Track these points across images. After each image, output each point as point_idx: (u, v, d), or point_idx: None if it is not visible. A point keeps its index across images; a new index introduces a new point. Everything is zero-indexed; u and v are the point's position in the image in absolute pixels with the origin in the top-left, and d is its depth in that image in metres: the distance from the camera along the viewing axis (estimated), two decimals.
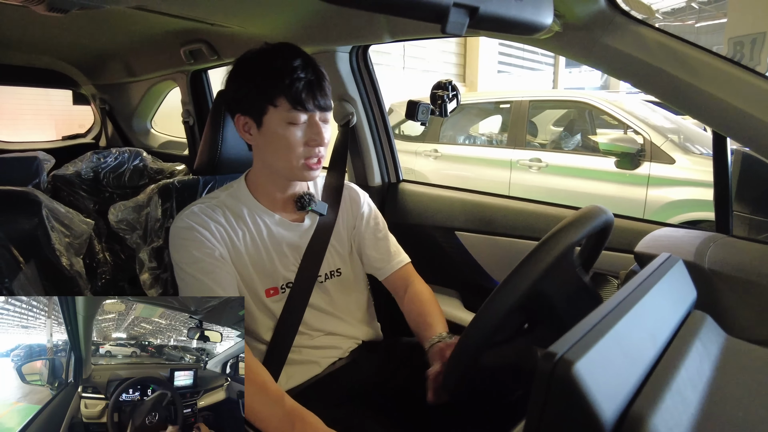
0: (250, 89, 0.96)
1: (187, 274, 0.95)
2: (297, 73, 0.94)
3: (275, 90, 0.94)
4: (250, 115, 0.98)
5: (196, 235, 0.96)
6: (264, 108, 0.95)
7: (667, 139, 3.42)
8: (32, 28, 1.88)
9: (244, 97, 0.97)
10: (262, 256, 1.03)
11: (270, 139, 0.97)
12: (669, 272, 0.65)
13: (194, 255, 0.95)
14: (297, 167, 0.99)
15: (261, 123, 0.97)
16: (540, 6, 0.73)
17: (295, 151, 0.97)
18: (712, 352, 0.59)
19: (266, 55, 0.97)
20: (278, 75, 0.93)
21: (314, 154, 0.99)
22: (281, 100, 0.94)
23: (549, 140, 4.56)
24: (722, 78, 0.84)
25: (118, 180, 2.14)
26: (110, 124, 2.94)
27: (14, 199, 1.22)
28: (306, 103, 0.95)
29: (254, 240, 1.03)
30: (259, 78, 0.95)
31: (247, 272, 1.01)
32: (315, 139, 0.97)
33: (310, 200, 1.08)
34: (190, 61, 1.98)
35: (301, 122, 0.96)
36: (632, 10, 0.93)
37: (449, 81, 1.34)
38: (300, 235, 1.08)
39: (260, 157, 1.04)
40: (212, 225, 0.99)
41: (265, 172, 1.05)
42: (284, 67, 0.94)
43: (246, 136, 1.01)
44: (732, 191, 1.05)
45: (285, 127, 0.95)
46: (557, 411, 0.42)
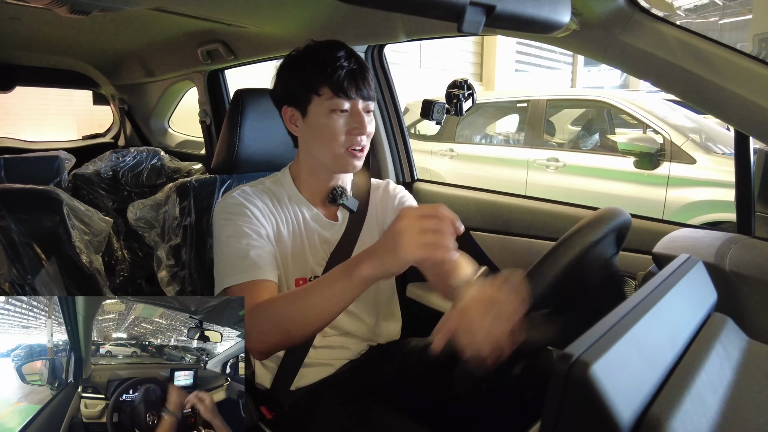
0: (295, 81, 0.99)
1: (233, 247, 0.94)
2: (340, 62, 0.96)
3: (318, 79, 0.96)
4: (296, 105, 1.00)
5: (246, 210, 0.98)
6: (308, 97, 0.98)
7: (688, 138, 3.36)
8: (54, 31, 1.92)
9: (290, 89, 1.00)
10: (297, 245, 1.04)
11: (314, 128, 0.99)
12: (688, 273, 0.64)
13: (243, 230, 0.96)
14: (340, 155, 1.00)
15: (306, 113, 0.99)
16: (557, 4, 0.72)
17: (337, 139, 0.98)
18: (733, 355, 0.58)
19: (311, 48, 1.01)
20: (321, 64, 0.96)
21: (356, 142, 0.99)
22: (324, 88, 0.96)
23: (567, 140, 4.51)
24: (745, 75, 0.83)
25: (137, 179, 2.17)
26: (129, 123, 2.99)
27: (36, 197, 1.25)
28: (348, 91, 0.97)
29: (293, 228, 1.05)
30: (304, 69, 0.98)
31: (284, 257, 1.03)
32: (357, 128, 0.98)
33: (342, 193, 1.09)
34: (207, 61, 2.00)
35: (344, 110, 0.98)
36: (652, 8, 0.92)
37: (465, 80, 1.33)
38: (332, 232, 1.09)
39: (305, 148, 1.05)
40: (260, 204, 1.01)
41: (308, 164, 1.07)
42: (327, 57, 0.97)
43: (293, 128, 1.03)
44: (755, 191, 1.03)
45: (328, 115, 0.97)
46: (573, 413, 0.42)
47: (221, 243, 0.98)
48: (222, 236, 0.98)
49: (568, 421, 0.42)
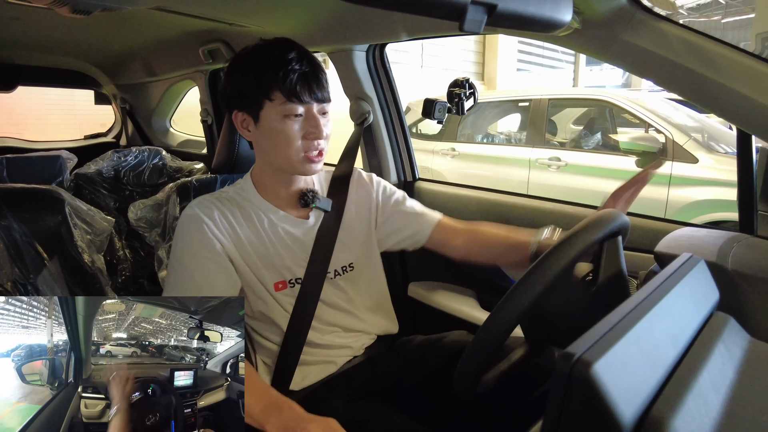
0: (245, 84, 0.96)
1: (182, 266, 0.95)
2: (291, 65, 0.93)
3: (270, 83, 0.94)
4: (247, 110, 0.98)
5: (201, 225, 0.97)
6: (260, 102, 0.95)
7: (690, 137, 3.35)
8: (56, 30, 1.92)
9: (240, 93, 0.97)
10: (268, 250, 1.03)
11: (268, 134, 0.97)
12: (690, 272, 0.64)
13: (194, 247, 0.96)
14: (297, 161, 0.98)
15: (258, 118, 0.97)
16: (559, 3, 0.72)
17: (293, 144, 0.96)
18: (736, 354, 0.58)
19: (260, 50, 0.98)
20: (272, 68, 0.93)
21: (313, 147, 0.98)
22: (276, 93, 0.94)
23: (569, 139, 4.50)
24: (747, 74, 0.82)
25: (138, 178, 2.17)
26: (131, 123, 2.99)
27: (39, 196, 1.25)
28: (301, 95, 0.94)
29: (259, 235, 1.03)
30: (254, 73, 0.95)
31: (254, 265, 1.02)
32: (313, 132, 0.96)
33: (313, 197, 1.08)
34: (209, 61, 2.00)
35: (298, 115, 0.96)
36: (654, 6, 0.92)
37: (466, 79, 1.33)
38: (305, 232, 1.07)
39: (261, 153, 1.04)
40: (217, 215, 0.99)
41: (267, 169, 1.05)
42: (278, 60, 0.94)
43: (245, 133, 1.01)
44: (757, 190, 1.03)
45: (281, 120, 0.95)
46: (575, 412, 0.42)
47: (172, 258, 0.98)
48: (174, 251, 0.98)
49: (570, 420, 0.42)
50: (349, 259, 1.12)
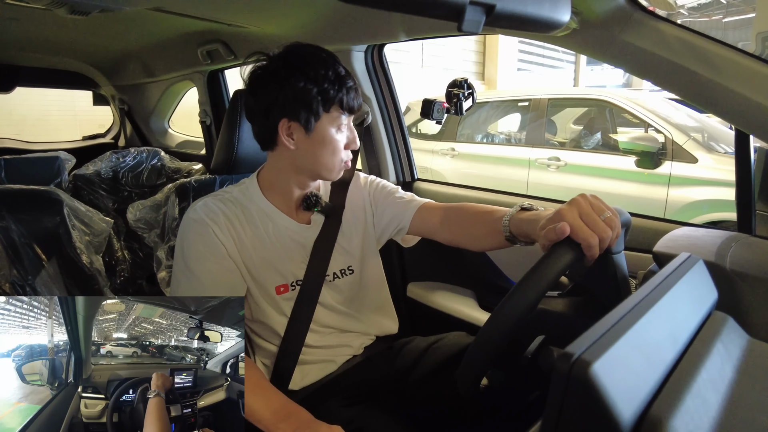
0: (306, 96, 0.95)
1: (189, 270, 0.96)
2: (348, 82, 0.99)
3: (334, 98, 0.97)
4: (299, 120, 0.97)
5: (205, 229, 0.98)
6: (318, 114, 0.97)
7: (690, 137, 3.35)
8: (54, 31, 1.92)
9: (297, 103, 0.96)
10: (270, 253, 1.04)
11: (319, 142, 0.99)
12: (689, 272, 0.64)
13: (200, 251, 0.97)
14: (338, 168, 1.04)
15: (311, 128, 0.97)
16: (557, 3, 0.72)
17: (339, 153, 1.02)
18: (734, 354, 0.58)
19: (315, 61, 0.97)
20: (333, 84, 0.96)
21: (349, 156, 1.05)
22: (335, 107, 0.98)
23: (569, 139, 4.51)
24: (745, 74, 0.82)
25: (137, 179, 2.17)
26: (129, 124, 2.99)
27: (37, 198, 1.25)
28: (354, 108, 1.01)
29: (262, 238, 1.03)
30: (317, 86, 0.95)
31: (255, 268, 1.02)
32: (353, 142, 1.04)
33: (316, 201, 1.08)
34: (207, 62, 2.00)
35: (345, 125, 1.02)
36: (652, 7, 0.92)
37: (465, 79, 1.33)
38: (307, 236, 1.08)
39: (293, 159, 1.02)
40: (222, 218, 1.00)
41: (288, 172, 1.05)
42: (338, 76, 0.98)
43: (287, 140, 0.99)
44: (755, 190, 1.03)
45: (335, 132, 1.00)
46: (574, 412, 0.42)
47: (178, 262, 0.99)
48: (181, 255, 0.98)
49: (569, 420, 0.42)
50: (348, 261, 1.13)
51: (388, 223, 1.17)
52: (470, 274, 1.56)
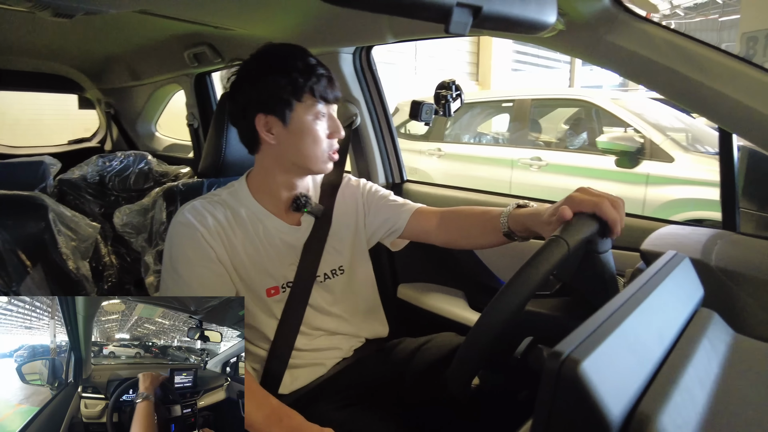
0: (275, 89, 0.98)
1: (178, 275, 0.95)
2: (317, 70, 1.00)
3: (303, 86, 0.98)
4: (275, 113, 0.99)
5: (194, 233, 0.97)
6: (291, 104, 0.99)
7: (667, 137, 3.39)
8: (38, 34, 1.90)
9: (269, 97, 0.99)
10: (261, 256, 1.03)
11: (297, 133, 1.00)
12: (675, 270, 0.65)
13: (188, 255, 0.96)
14: (323, 159, 1.04)
15: (287, 120, 0.99)
16: (544, 4, 0.73)
17: (321, 143, 1.02)
18: (720, 349, 0.59)
19: (283, 55, 1.01)
20: (302, 72, 0.98)
21: (333, 145, 1.05)
22: (307, 95, 0.99)
23: (553, 139, 4.55)
24: (728, 74, 0.84)
25: (124, 183, 2.15)
26: (115, 127, 2.95)
27: (21, 203, 1.23)
28: (328, 96, 1.01)
29: (252, 240, 1.03)
30: (286, 78, 0.98)
31: (245, 271, 1.02)
32: (336, 131, 1.04)
33: (306, 202, 1.08)
34: (194, 64, 1.99)
35: (323, 114, 1.02)
36: (635, 7, 0.93)
37: (453, 80, 1.33)
38: (297, 237, 1.08)
39: (277, 154, 1.03)
40: (210, 221, 0.99)
41: (275, 172, 1.05)
42: (306, 65, 0.99)
43: (267, 136, 1.01)
44: (738, 188, 1.05)
45: (312, 120, 1.00)
46: (564, 410, 0.42)
47: (167, 266, 0.98)
48: (169, 259, 0.98)
49: (560, 419, 0.42)
50: (339, 262, 1.13)
51: (380, 225, 1.17)
52: (460, 274, 1.57)
